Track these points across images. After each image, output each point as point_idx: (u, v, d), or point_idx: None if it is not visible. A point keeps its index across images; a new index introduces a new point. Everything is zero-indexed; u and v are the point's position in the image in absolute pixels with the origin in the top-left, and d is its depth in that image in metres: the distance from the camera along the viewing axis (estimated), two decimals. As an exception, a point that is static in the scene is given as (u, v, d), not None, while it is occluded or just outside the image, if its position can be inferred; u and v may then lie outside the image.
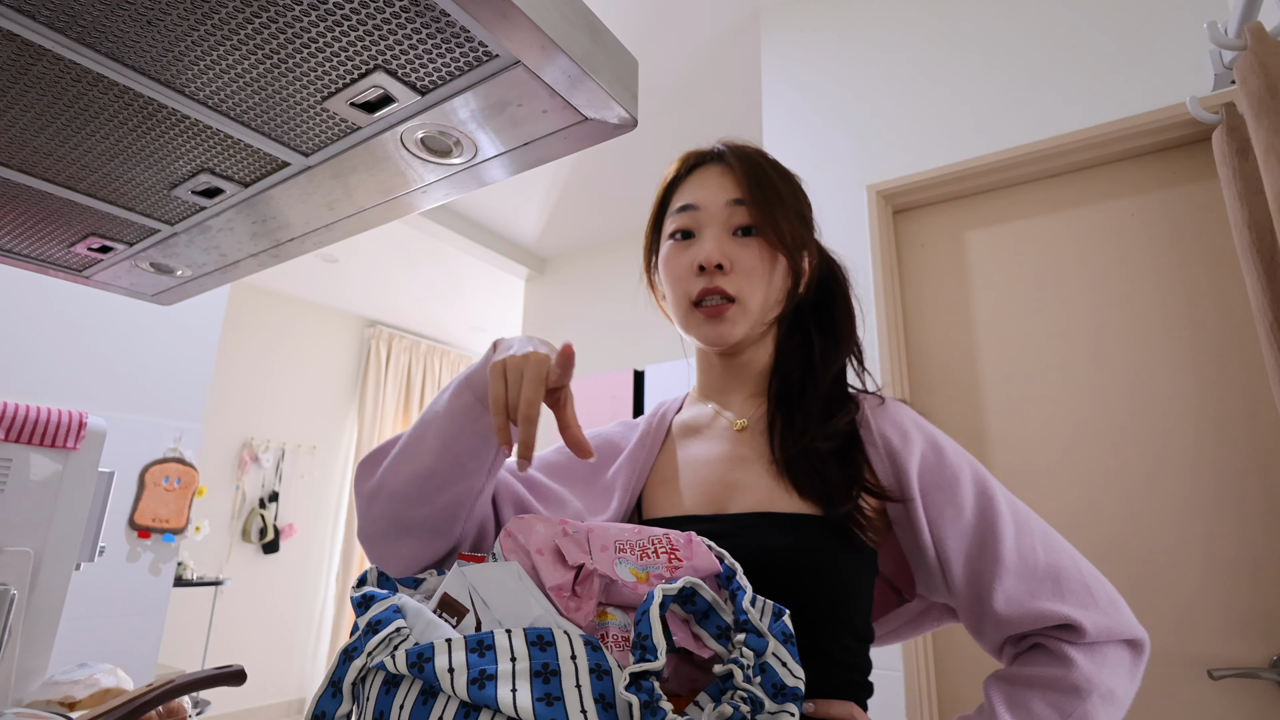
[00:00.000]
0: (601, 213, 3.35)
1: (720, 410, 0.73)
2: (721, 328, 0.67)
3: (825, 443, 0.63)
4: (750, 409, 0.71)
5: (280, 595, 4.44)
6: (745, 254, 0.67)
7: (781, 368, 0.71)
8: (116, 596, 1.88)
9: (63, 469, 0.85)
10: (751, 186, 0.67)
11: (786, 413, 0.67)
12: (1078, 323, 1.46)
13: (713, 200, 0.68)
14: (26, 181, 0.60)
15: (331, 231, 0.68)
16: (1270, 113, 0.80)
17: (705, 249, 0.66)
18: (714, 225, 0.68)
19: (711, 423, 0.73)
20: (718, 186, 0.69)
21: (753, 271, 0.66)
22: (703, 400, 0.76)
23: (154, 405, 2.03)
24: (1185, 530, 1.27)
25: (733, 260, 0.66)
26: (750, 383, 0.72)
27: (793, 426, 0.65)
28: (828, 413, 0.66)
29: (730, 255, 0.66)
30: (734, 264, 0.66)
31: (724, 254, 0.66)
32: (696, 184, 0.71)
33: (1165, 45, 1.41)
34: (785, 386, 0.69)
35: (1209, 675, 1.17)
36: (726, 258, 0.66)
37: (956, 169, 1.59)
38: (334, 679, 0.40)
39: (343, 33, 0.42)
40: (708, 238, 0.67)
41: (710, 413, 0.74)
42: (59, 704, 0.76)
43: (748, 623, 0.44)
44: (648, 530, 0.50)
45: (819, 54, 1.92)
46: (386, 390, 5.08)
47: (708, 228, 0.68)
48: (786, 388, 0.69)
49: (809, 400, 0.67)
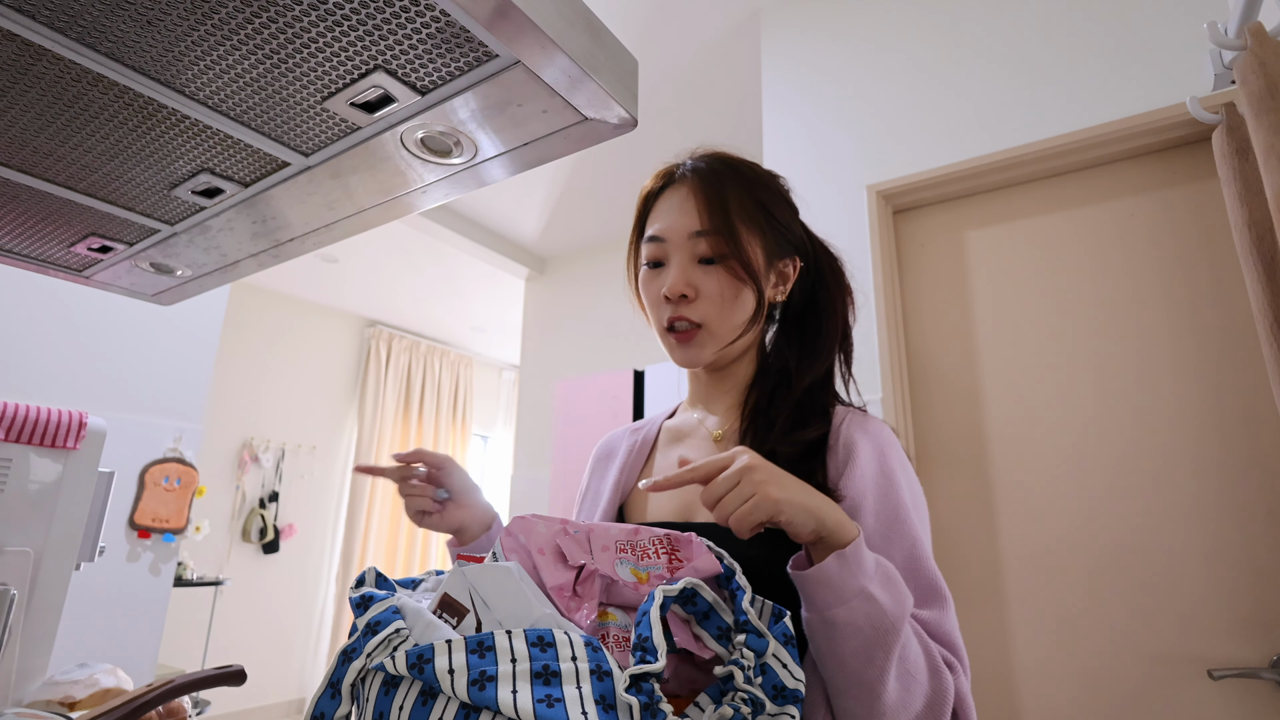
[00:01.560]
0: (601, 213, 3.35)
1: (704, 419, 0.75)
2: (690, 352, 0.69)
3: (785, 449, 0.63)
4: (730, 419, 0.73)
5: (280, 595, 4.44)
6: (709, 281, 0.68)
7: (760, 379, 0.73)
8: (116, 596, 1.88)
9: (63, 469, 0.85)
10: (713, 215, 0.68)
11: (757, 424, 0.68)
12: (1078, 322, 1.46)
13: (677, 230, 0.69)
14: (26, 181, 0.60)
15: (331, 231, 0.68)
16: (1270, 113, 0.80)
17: (670, 279, 0.68)
18: (679, 254, 0.69)
19: (695, 431, 0.75)
20: (681, 214, 0.69)
21: (717, 298, 0.68)
22: (691, 408, 0.79)
23: (154, 405, 2.02)
24: (1185, 530, 1.27)
25: (697, 288, 0.68)
26: (732, 393, 0.74)
27: (759, 437, 0.66)
28: (799, 421, 0.66)
29: (695, 284, 0.68)
30: (699, 292, 0.68)
31: (688, 284, 0.67)
32: (664, 209, 0.71)
33: (1165, 45, 1.41)
34: (760, 398, 0.70)
35: (1209, 675, 1.17)
36: (691, 287, 0.67)
37: (957, 169, 1.59)
38: (333, 680, 0.40)
39: (343, 33, 0.42)
40: (673, 267, 0.68)
41: (695, 421, 0.76)
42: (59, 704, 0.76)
43: (748, 623, 0.44)
44: (648, 530, 0.50)
45: (819, 54, 1.92)
46: (386, 390, 5.08)
47: (673, 256, 0.69)
48: (760, 399, 0.70)
49: (776, 410, 0.68)
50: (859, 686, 0.49)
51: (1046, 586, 1.37)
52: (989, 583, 1.42)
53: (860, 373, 1.51)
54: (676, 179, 0.72)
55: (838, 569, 0.49)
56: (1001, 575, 1.42)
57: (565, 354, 3.59)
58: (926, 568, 0.58)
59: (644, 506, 0.72)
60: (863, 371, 1.55)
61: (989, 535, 1.45)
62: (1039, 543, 1.39)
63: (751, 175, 0.72)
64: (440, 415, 5.50)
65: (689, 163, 0.73)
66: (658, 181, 0.74)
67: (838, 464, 0.63)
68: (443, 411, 5.53)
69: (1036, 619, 1.36)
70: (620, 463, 0.77)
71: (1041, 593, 1.37)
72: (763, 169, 0.74)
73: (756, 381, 0.73)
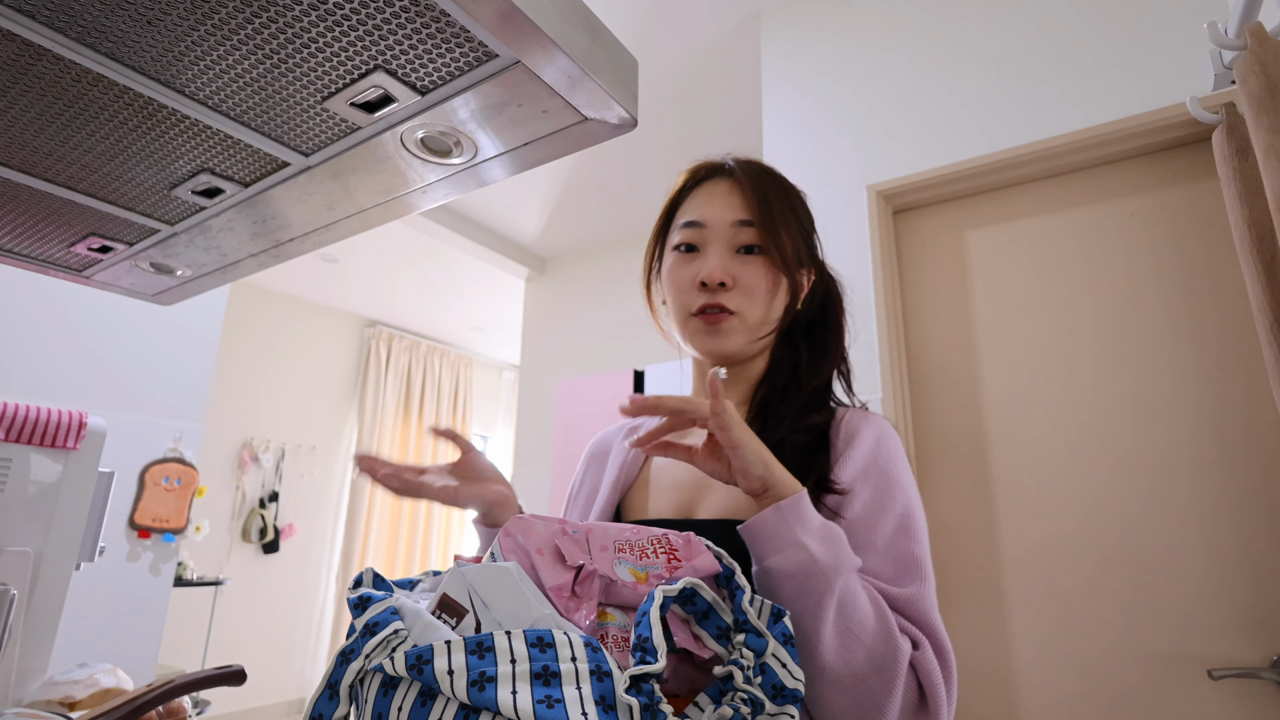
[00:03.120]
0: (601, 213, 3.35)
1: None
2: (718, 339, 0.69)
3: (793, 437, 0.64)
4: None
5: (280, 595, 4.44)
6: (748, 271, 0.68)
7: (770, 378, 0.73)
8: (116, 596, 1.88)
9: (63, 469, 0.85)
10: (760, 207, 0.68)
11: (766, 416, 0.68)
12: (1078, 322, 1.46)
13: (719, 218, 0.69)
14: (26, 181, 0.60)
15: (331, 231, 0.68)
16: (1270, 113, 0.80)
17: (709, 265, 0.68)
18: (718, 242, 0.69)
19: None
20: (725, 204, 0.70)
21: (754, 289, 0.68)
22: None
23: (154, 405, 2.02)
24: (1185, 530, 1.27)
25: (735, 278, 0.68)
26: (741, 392, 0.74)
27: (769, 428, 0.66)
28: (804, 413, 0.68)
29: (733, 273, 0.68)
30: (736, 281, 0.68)
31: (727, 272, 0.67)
32: (704, 199, 0.72)
33: (1165, 45, 1.41)
34: (769, 394, 0.71)
35: (1209, 675, 1.17)
36: (729, 275, 0.67)
37: (956, 169, 1.59)
38: (331, 681, 0.40)
39: (343, 33, 0.42)
40: (711, 254, 0.68)
41: None
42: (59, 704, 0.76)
43: (747, 622, 0.44)
44: (647, 530, 0.50)
45: (819, 54, 1.92)
46: (386, 390, 5.08)
47: (712, 244, 0.69)
48: (770, 395, 0.70)
49: (786, 405, 0.68)
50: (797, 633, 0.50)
51: (1046, 586, 1.37)
52: (989, 582, 1.42)
53: (860, 373, 1.51)
54: (720, 172, 0.73)
55: (774, 519, 0.52)
56: (1001, 575, 1.42)
57: (565, 354, 3.59)
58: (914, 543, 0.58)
59: (643, 505, 0.72)
60: (863, 371, 1.55)
61: (989, 535, 1.45)
62: (1039, 542, 1.39)
63: (787, 184, 0.73)
64: (440, 415, 5.50)
65: (730, 160, 0.74)
66: (692, 177, 0.75)
67: (837, 450, 0.64)
68: (443, 411, 5.53)
69: (1036, 618, 1.36)
70: (617, 461, 0.77)
71: (1041, 592, 1.37)
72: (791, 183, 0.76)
73: (766, 379, 0.73)
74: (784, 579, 0.51)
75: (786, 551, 0.51)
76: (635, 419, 0.83)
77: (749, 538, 0.54)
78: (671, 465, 0.72)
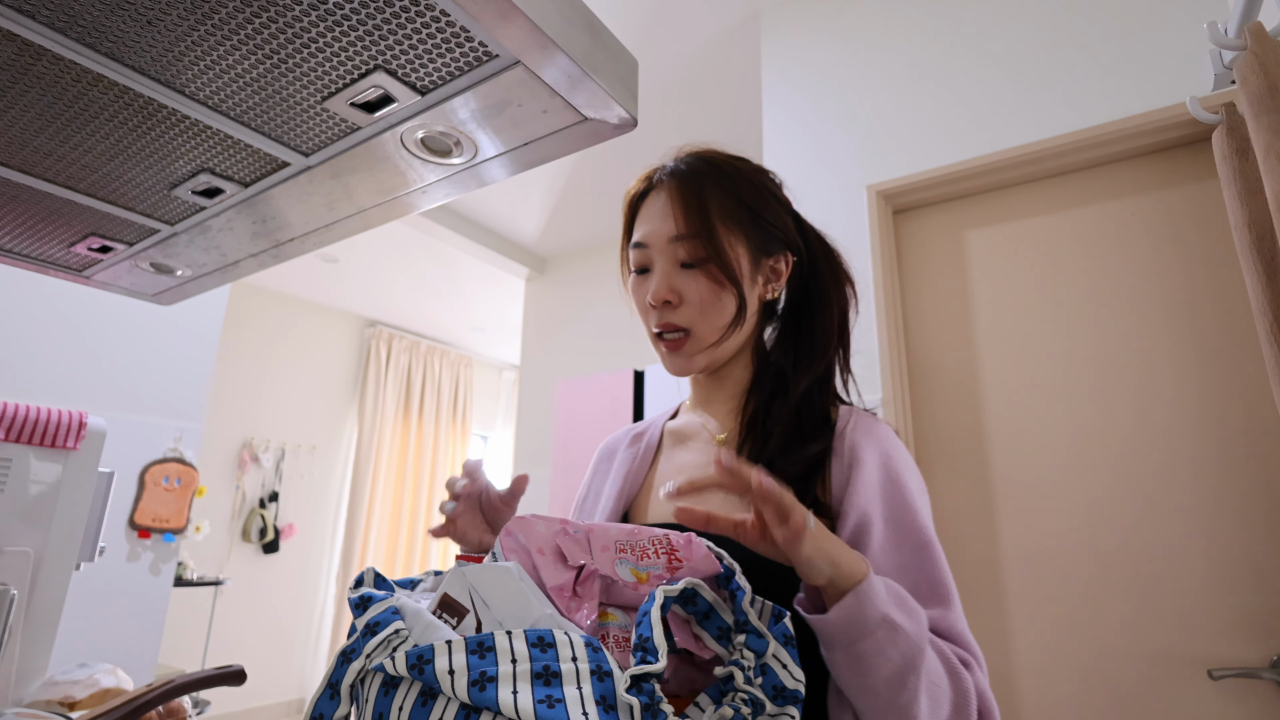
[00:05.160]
0: (601, 213, 3.35)
1: (705, 422, 0.75)
2: (681, 363, 0.69)
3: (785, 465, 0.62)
4: (731, 422, 0.72)
5: (280, 595, 4.44)
6: (692, 285, 0.67)
7: (758, 384, 0.72)
8: (116, 596, 1.88)
9: (63, 469, 0.85)
10: (690, 218, 0.67)
11: (754, 434, 0.67)
12: (1078, 322, 1.46)
13: (657, 235, 0.69)
14: (26, 181, 0.60)
15: (331, 231, 0.68)
16: (1270, 113, 0.79)
17: (653, 286, 0.68)
18: (661, 260, 0.68)
19: (697, 433, 0.75)
20: (661, 220, 0.69)
21: (700, 302, 0.67)
22: (692, 409, 0.78)
23: (154, 405, 2.02)
24: (1185, 530, 1.27)
25: (680, 294, 0.67)
26: (732, 396, 0.74)
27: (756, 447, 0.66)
28: (797, 429, 0.66)
29: (678, 289, 0.67)
30: (682, 297, 0.67)
31: (671, 290, 0.67)
32: (645, 216, 0.71)
33: (1165, 45, 1.41)
34: (757, 406, 0.70)
35: (1209, 675, 1.17)
36: (674, 293, 0.67)
37: (956, 169, 1.59)
38: (332, 681, 0.40)
39: (343, 33, 0.42)
40: (656, 274, 0.68)
41: (697, 423, 0.76)
42: (59, 704, 0.76)
43: (747, 623, 0.44)
44: (647, 530, 0.50)
45: (819, 54, 1.92)
46: (386, 390, 5.08)
47: (656, 263, 0.69)
48: (757, 407, 0.69)
49: (773, 419, 0.67)
50: (893, 712, 0.49)
51: (1046, 586, 1.37)
52: (989, 582, 1.42)
53: (860, 373, 1.51)
54: (655, 183, 0.72)
55: (856, 605, 0.48)
56: (1001, 575, 1.42)
57: (565, 354, 3.59)
58: (936, 566, 0.58)
59: (646, 507, 0.72)
60: (863, 371, 1.55)
61: (989, 534, 1.45)
62: (1039, 542, 1.39)
63: (733, 173, 0.70)
64: (440, 415, 5.50)
65: (669, 165, 0.72)
66: (640, 185, 0.74)
67: (843, 470, 0.62)
68: (443, 411, 5.53)
69: (1036, 618, 1.36)
70: (624, 466, 0.77)
71: (1041, 592, 1.37)
72: (749, 165, 0.72)
73: (754, 386, 0.72)
74: (880, 662, 0.48)
75: (878, 634, 0.48)
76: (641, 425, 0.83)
77: (826, 629, 0.49)
78: (676, 469, 0.73)
